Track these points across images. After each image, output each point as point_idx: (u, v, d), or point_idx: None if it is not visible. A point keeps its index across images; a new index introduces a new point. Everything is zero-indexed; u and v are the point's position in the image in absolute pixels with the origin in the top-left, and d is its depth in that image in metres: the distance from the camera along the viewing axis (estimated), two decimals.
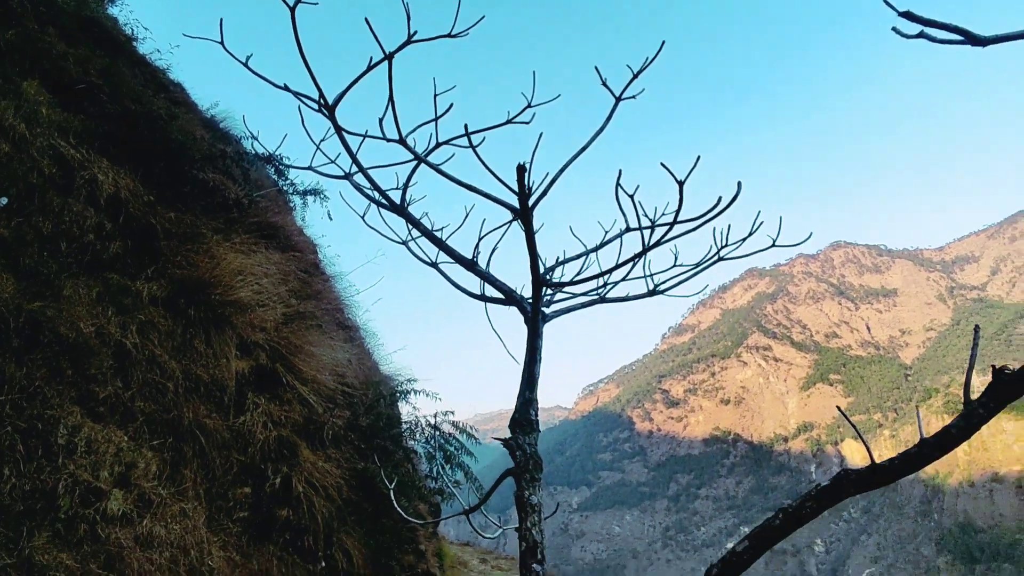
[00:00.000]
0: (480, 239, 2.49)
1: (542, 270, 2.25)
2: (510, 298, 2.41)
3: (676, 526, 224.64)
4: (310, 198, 10.21)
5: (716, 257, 2.42)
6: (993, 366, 1.25)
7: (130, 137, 5.97)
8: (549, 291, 2.65)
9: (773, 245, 2.49)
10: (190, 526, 3.60)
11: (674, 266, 2.64)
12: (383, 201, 2.59)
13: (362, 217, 3.27)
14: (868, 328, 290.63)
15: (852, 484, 1.39)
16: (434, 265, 2.91)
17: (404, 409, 7.56)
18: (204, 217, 6.23)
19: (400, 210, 2.53)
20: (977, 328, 1.50)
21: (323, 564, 5.10)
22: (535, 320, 2.21)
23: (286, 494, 4.88)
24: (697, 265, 2.49)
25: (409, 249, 3.09)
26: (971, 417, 1.21)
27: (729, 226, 2.38)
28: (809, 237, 2.55)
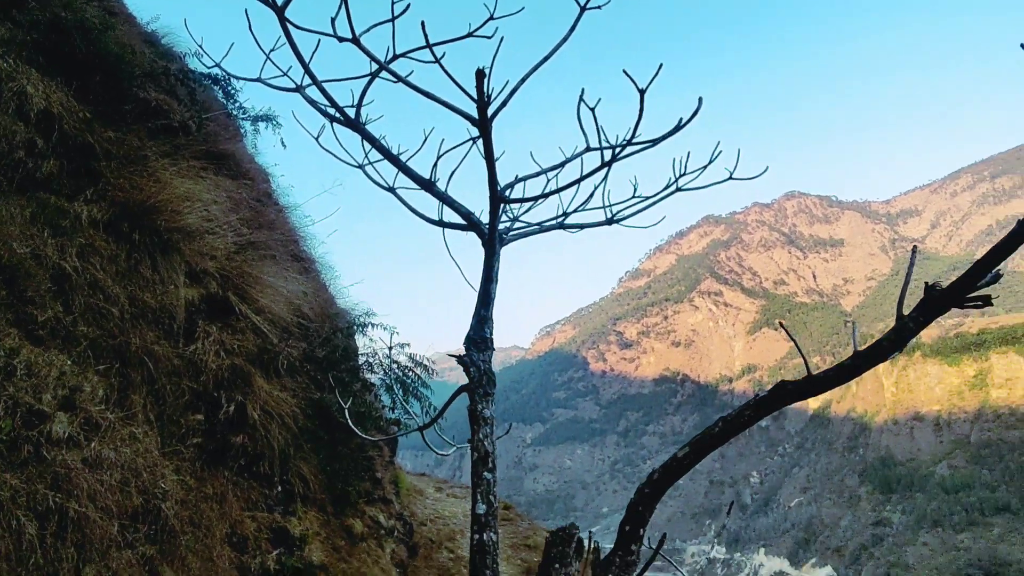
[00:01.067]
0: (439, 157, 2.42)
1: (500, 187, 2.22)
2: (468, 220, 2.37)
3: (624, 460, 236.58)
4: (262, 124, 9.73)
5: (674, 187, 2.44)
6: (926, 283, 1.32)
7: (61, 48, 5.51)
8: (507, 216, 2.63)
9: (731, 178, 2.52)
10: (141, 449, 3.57)
11: (633, 197, 2.66)
12: (338, 116, 2.48)
13: (316, 139, 3.14)
14: (814, 276, 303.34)
15: (789, 393, 1.47)
16: (391, 190, 2.84)
17: (361, 342, 7.55)
18: (148, 139, 5.88)
19: (356, 125, 2.43)
20: (915, 248, 1.58)
21: (279, 489, 5.18)
22: (492, 239, 2.19)
23: (241, 421, 4.88)
24: (655, 195, 2.51)
25: (366, 173, 2.99)
26: (902, 331, 1.28)
27: (688, 153, 2.39)
28: (765, 171, 2.58)
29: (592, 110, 2.04)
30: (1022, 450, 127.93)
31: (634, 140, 2.15)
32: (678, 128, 2.10)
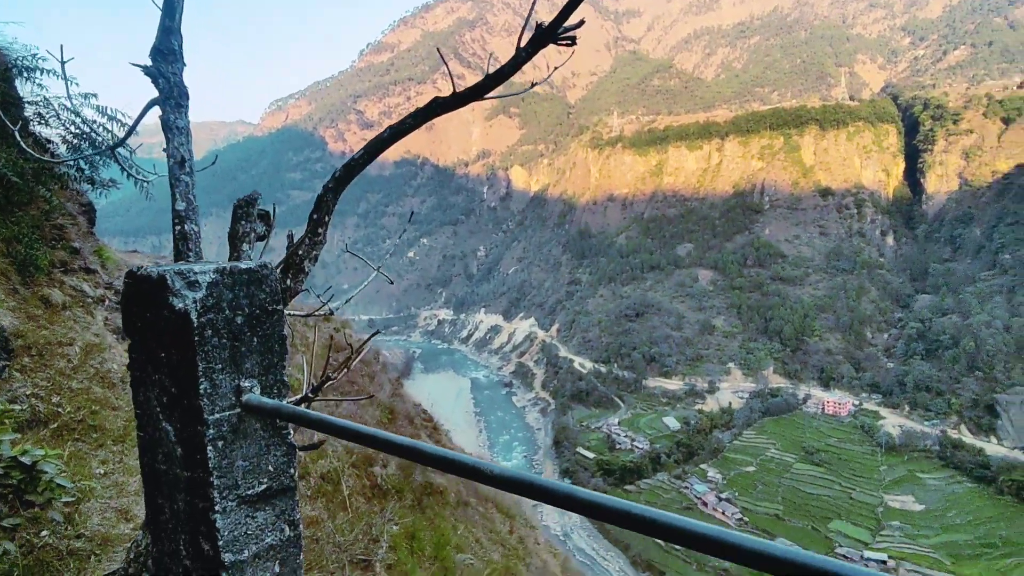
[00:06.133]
0: None
1: None
2: None
3: (364, 240, 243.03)
4: None
5: None
6: (537, 23, 1.83)
7: None
8: None
9: None
10: None
11: None
12: None
13: None
14: (548, 67, 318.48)
15: (440, 106, 1.95)
16: None
17: (27, 89, 6.20)
18: None
19: None
20: (533, 2, 2.06)
21: None
22: None
23: None
24: None
25: None
26: (517, 57, 1.81)
27: None
28: None
29: None
30: (676, 223, 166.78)
31: None
32: None
